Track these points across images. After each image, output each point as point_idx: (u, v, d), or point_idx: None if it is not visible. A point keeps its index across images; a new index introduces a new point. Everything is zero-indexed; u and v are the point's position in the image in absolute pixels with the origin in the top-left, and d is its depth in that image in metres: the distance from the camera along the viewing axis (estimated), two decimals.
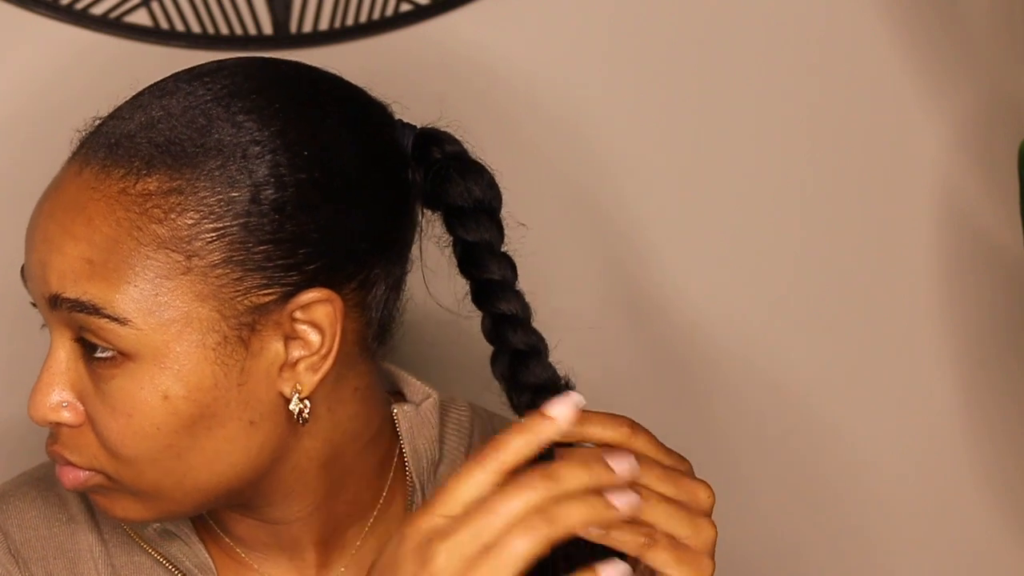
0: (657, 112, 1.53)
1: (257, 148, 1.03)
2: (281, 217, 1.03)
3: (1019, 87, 1.56)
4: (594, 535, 0.97)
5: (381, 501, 1.15)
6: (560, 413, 0.98)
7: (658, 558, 0.98)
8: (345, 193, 1.05)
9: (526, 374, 1.03)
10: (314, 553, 1.15)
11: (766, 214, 1.56)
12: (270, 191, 1.03)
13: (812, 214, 1.57)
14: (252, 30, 1.45)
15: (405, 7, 1.47)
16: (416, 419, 1.15)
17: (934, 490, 1.62)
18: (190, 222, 1.02)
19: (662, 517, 0.99)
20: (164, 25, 1.44)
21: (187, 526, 1.15)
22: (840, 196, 1.57)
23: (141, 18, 1.44)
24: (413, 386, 1.18)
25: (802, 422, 1.60)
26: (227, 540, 1.15)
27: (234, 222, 1.02)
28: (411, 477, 1.16)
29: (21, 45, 1.43)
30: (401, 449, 1.16)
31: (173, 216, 1.02)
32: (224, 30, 1.45)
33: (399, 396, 1.19)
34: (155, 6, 1.44)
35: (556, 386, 1.02)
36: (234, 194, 1.02)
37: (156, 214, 1.02)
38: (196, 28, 1.44)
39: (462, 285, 1.08)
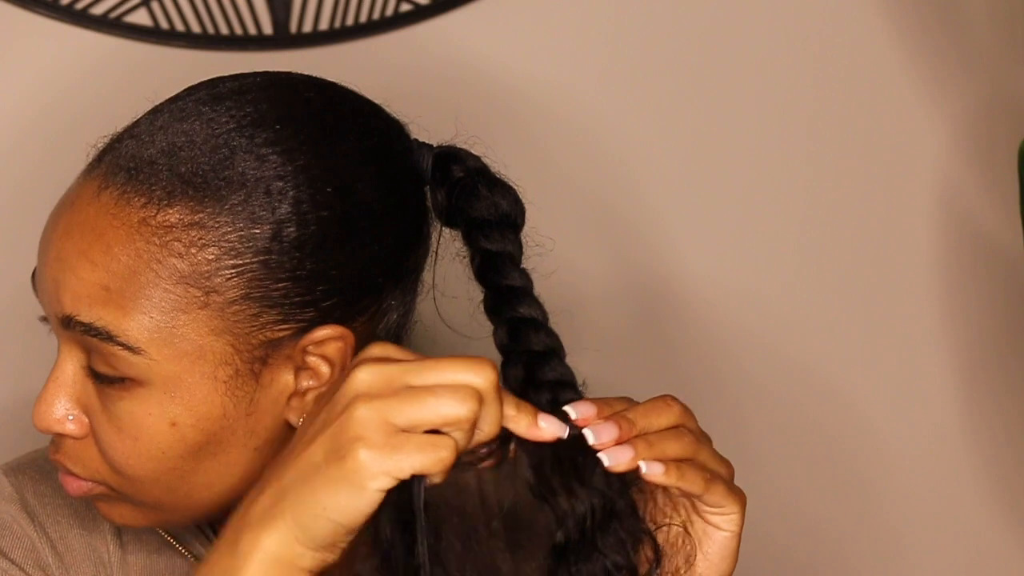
0: (658, 113, 1.53)
1: (280, 184, 1.02)
2: (301, 255, 1.02)
3: (1019, 87, 1.56)
4: (658, 476, 0.99)
5: None
6: (547, 427, 0.98)
7: (718, 492, 1.01)
8: (365, 229, 1.04)
9: (545, 371, 1.02)
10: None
11: (767, 215, 1.56)
12: (292, 228, 1.02)
13: (813, 214, 1.57)
14: (252, 30, 1.45)
15: (405, 7, 1.47)
16: None
17: (934, 489, 1.62)
18: (210, 257, 1.01)
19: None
20: (164, 25, 1.44)
21: (185, 526, 1.14)
22: (841, 196, 1.57)
23: (141, 18, 1.44)
24: None
25: (801, 423, 1.60)
26: None
27: (254, 259, 1.01)
28: None
29: (21, 45, 1.43)
30: None
31: (194, 251, 1.01)
32: (224, 30, 1.45)
33: None
34: (155, 6, 1.44)
35: (574, 384, 1.02)
36: (256, 231, 1.01)
37: (176, 248, 1.01)
38: (196, 28, 1.44)
39: (466, 306, 1.08)
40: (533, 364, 1.02)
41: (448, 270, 1.11)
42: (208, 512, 1.08)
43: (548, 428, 0.98)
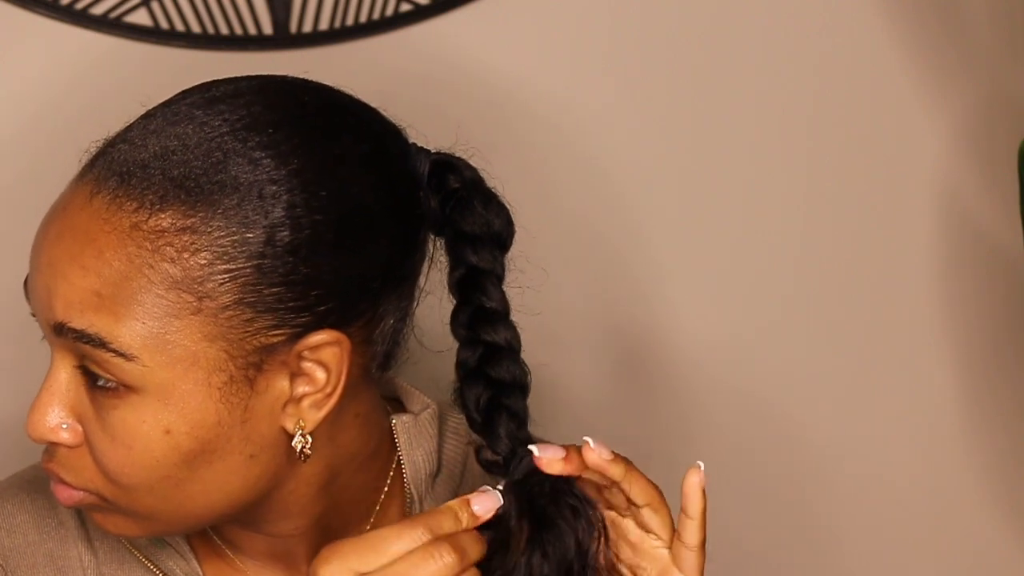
0: (657, 112, 1.53)
1: (273, 187, 1.01)
2: (295, 259, 1.01)
3: (1019, 87, 1.56)
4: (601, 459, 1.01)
5: (377, 509, 1.15)
6: (482, 510, 1.01)
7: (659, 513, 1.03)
8: (360, 234, 1.04)
9: (513, 401, 1.04)
10: (308, 564, 1.14)
11: (767, 214, 1.56)
12: (285, 233, 1.01)
13: (813, 214, 1.57)
14: (252, 30, 1.45)
15: (405, 7, 1.47)
16: (415, 430, 1.15)
17: (934, 489, 1.62)
18: (203, 262, 1.00)
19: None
20: (164, 25, 1.44)
21: (179, 535, 1.14)
22: (841, 196, 1.57)
23: (141, 18, 1.44)
24: (413, 396, 1.17)
25: (802, 422, 1.60)
26: (223, 547, 1.15)
27: (247, 264, 1.00)
28: (409, 488, 1.15)
29: (21, 45, 1.43)
30: (399, 459, 1.16)
31: (186, 256, 1.00)
32: (224, 30, 1.45)
33: (398, 405, 1.18)
34: (155, 6, 1.44)
35: (526, 421, 1.04)
36: (249, 235, 1.00)
37: (168, 252, 1.00)
38: (196, 28, 1.44)
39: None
40: (498, 391, 1.04)
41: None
42: (204, 521, 1.08)
43: (485, 510, 1.01)
